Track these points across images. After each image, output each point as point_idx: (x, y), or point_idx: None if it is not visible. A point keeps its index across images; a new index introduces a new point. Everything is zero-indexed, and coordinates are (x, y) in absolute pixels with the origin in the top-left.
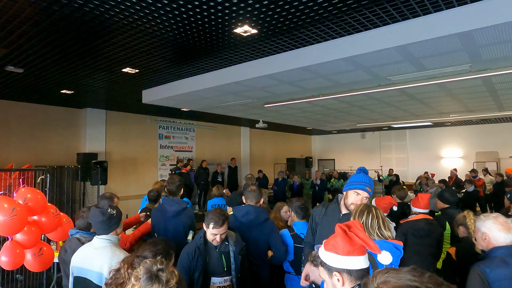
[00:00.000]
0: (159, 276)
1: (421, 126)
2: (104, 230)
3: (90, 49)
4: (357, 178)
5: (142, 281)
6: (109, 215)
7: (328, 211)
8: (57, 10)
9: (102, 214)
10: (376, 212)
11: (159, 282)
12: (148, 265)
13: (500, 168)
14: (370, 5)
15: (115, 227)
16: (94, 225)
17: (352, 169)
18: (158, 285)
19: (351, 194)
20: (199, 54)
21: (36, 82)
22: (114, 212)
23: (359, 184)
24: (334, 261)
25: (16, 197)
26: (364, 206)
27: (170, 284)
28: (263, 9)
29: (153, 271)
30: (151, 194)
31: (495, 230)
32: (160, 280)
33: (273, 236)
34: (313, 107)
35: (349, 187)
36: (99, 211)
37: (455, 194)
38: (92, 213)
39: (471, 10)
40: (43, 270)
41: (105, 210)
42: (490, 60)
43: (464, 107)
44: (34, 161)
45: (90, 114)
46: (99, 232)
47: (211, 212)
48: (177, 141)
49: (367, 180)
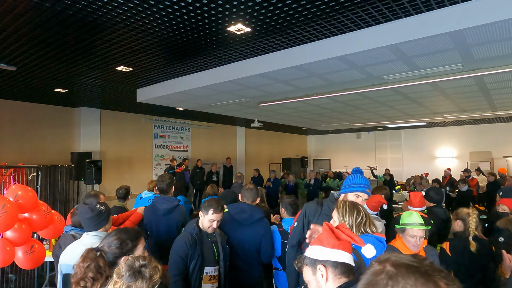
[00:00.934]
0: (142, 272)
1: (415, 126)
2: (93, 227)
3: (83, 47)
4: (356, 180)
5: (125, 278)
6: (98, 211)
7: (324, 210)
8: (49, 7)
9: (91, 211)
10: (363, 210)
11: (142, 278)
12: (130, 262)
13: (493, 168)
14: (362, 4)
15: (104, 223)
16: (83, 222)
17: (347, 169)
18: (142, 281)
19: (350, 197)
20: (193, 53)
21: (29, 81)
22: (103, 208)
23: (359, 187)
24: (319, 253)
25: (6, 194)
26: (350, 204)
27: (154, 279)
28: (256, 8)
29: (135, 267)
30: (119, 192)
31: None
32: (143, 276)
33: (266, 236)
34: (308, 107)
35: (349, 189)
36: (87, 208)
37: (440, 193)
38: (81, 209)
39: (462, 9)
40: (35, 267)
41: (94, 206)
42: (482, 60)
43: (458, 107)
44: (27, 160)
45: (84, 113)
46: (88, 229)
47: (208, 200)
48: (172, 141)
49: (366, 182)
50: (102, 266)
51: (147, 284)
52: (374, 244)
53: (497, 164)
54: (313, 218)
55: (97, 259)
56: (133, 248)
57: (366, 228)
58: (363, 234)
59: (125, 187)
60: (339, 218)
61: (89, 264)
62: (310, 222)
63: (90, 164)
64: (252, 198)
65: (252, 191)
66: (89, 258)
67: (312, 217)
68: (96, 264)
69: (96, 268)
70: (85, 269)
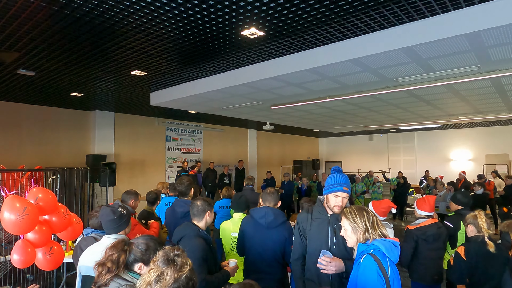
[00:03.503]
0: (175, 260)
1: (429, 128)
2: (113, 229)
3: (100, 52)
4: (333, 180)
5: (159, 262)
6: (119, 214)
7: (314, 215)
8: (68, 14)
9: (112, 213)
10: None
11: (174, 265)
12: (166, 250)
13: (511, 171)
14: (376, 7)
15: (124, 227)
16: (104, 224)
17: (359, 171)
18: (174, 267)
19: (331, 198)
20: (206, 57)
21: (47, 85)
22: (124, 211)
23: (336, 187)
24: None
25: (27, 196)
26: (357, 208)
27: (184, 269)
28: (269, 12)
29: (170, 255)
30: (149, 196)
31: None
32: (175, 263)
33: (290, 239)
34: (320, 109)
35: (327, 191)
36: (110, 210)
37: (468, 195)
38: (103, 211)
39: (478, 11)
40: (54, 269)
41: (116, 209)
42: (499, 61)
43: (473, 109)
44: (44, 162)
45: (99, 116)
46: (108, 231)
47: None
48: (185, 143)
49: (342, 180)
50: (121, 261)
51: (177, 272)
52: (391, 249)
53: None
54: (306, 226)
55: (121, 252)
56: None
57: (382, 229)
58: (379, 239)
59: (155, 191)
60: (352, 224)
61: (113, 253)
62: (305, 230)
63: (105, 166)
64: (274, 201)
65: (274, 194)
66: (116, 248)
67: (305, 225)
68: (118, 256)
69: (116, 260)
70: (108, 256)
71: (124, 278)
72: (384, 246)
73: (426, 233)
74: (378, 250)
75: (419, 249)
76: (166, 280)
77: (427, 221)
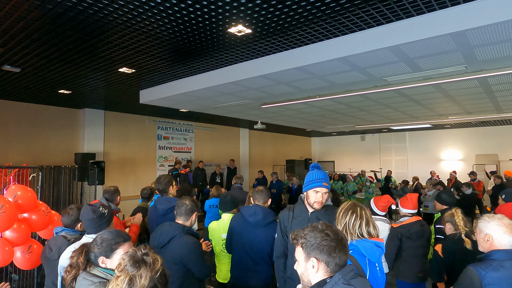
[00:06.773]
0: (145, 259)
1: (420, 128)
2: (93, 229)
3: (87, 49)
4: (312, 176)
5: (128, 268)
6: (99, 214)
7: (295, 213)
8: (51, 9)
9: (93, 212)
10: (361, 212)
11: (145, 265)
12: (132, 253)
13: (500, 171)
14: (363, 5)
15: (105, 227)
16: (84, 223)
17: (351, 171)
18: (145, 267)
19: (311, 194)
20: (194, 54)
21: (33, 82)
22: (106, 211)
23: (315, 182)
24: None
25: (6, 194)
26: (349, 205)
27: (156, 266)
28: (256, 9)
29: (137, 256)
30: (144, 192)
31: (500, 232)
32: (146, 263)
33: None
34: (310, 108)
35: (306, 187)
36: (90, 209)
37: (452, 195)
38: (84, 210)
39: (463, 10)
40: (33, 268)
41: (97, 208)
42: (486, 61)
43: (463, 109)
44: (32, 161)
45: (88, 114)
46: (88, 231)
47: None
48: (176, 142)
49: (321, 176)
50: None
51: (150, 271)
52: (371, 250)
53: (504, 166)
54: (288, 224)
55: (79, 255)
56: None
57: (363, 230)
58: (360, 239)
59: (150, 187)
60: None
61: (73, 257)
62: (286, 228)
63: (94, 165)
64: (264, 199)
65: (263, 193)
66: (76, 251)
67: (287, 223)
68: (77, 258)
69: (76, 263)
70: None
71: (96, 275)
72: (363, 247)
73: (410, 230)
74: (356, 251)
75: (403, 247)
76: (142, 281)
77: (410, 218)
